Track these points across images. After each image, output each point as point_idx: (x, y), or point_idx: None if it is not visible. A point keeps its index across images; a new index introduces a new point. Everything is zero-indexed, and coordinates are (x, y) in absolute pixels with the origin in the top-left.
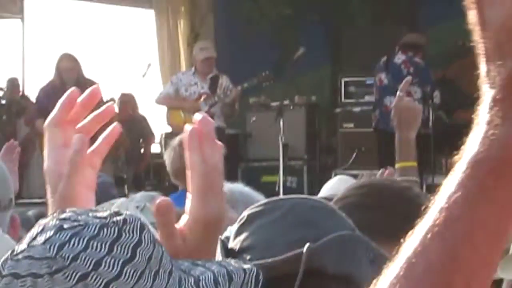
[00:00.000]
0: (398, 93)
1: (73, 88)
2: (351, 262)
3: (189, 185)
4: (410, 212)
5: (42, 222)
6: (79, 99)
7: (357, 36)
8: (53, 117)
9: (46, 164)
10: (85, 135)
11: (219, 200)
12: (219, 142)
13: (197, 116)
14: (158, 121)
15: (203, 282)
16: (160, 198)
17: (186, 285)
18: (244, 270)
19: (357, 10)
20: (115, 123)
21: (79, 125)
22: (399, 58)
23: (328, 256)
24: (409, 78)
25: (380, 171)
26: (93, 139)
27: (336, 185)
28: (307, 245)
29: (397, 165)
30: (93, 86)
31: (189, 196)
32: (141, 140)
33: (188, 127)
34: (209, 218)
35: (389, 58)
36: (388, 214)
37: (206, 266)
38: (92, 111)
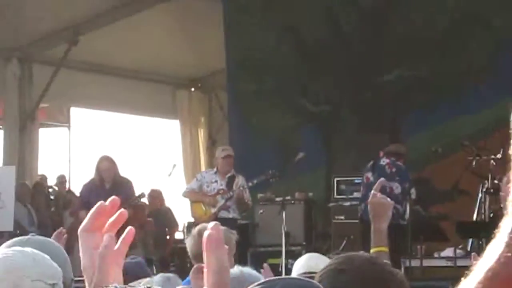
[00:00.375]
0: (372, 191)
1: (100, 202)
2: None
3: (205, 280)
4: (377, 273)
5: None
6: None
7: (347, 143)
8: (85, 225)
9: (82, 262)
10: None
11: None
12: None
13: (211, 224)
14: (181, 212)
15: None
16: None
17: None
18: None
19: (348, 121)
20: (130, 228)
21: (105, 228)
22: (384, 161)
23: None
24: (382, 179)
25: None
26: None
27: (306, 262)
28: None
29: (371, 250)
30: (121, 211)
31: None
32: (167, 228)
33: (206, 232)
34: None
35: (375, 161)
36: (357, 276)
37: None
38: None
